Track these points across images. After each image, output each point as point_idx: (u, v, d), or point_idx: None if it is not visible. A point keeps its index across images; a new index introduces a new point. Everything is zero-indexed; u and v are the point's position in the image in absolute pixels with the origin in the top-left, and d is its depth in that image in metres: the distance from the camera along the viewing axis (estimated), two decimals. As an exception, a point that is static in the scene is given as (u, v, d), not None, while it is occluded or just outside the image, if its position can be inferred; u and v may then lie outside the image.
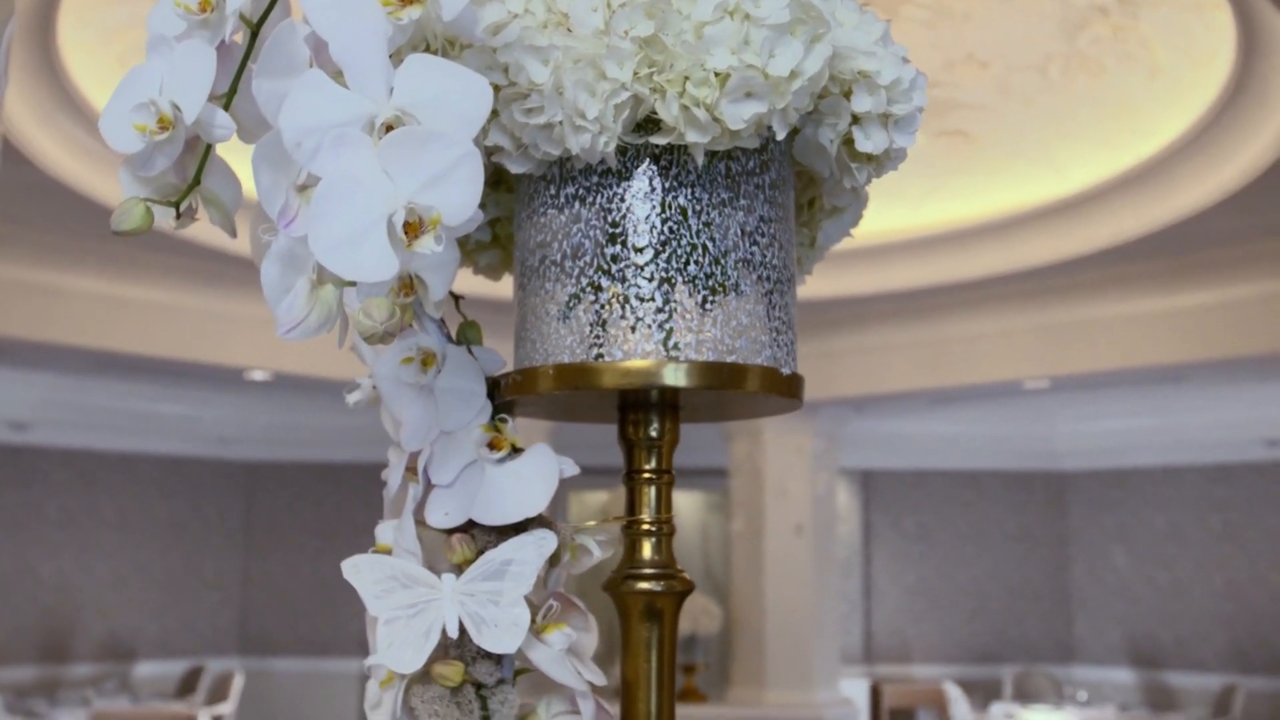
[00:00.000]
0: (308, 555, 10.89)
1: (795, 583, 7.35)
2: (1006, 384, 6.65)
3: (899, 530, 10.84)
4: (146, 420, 10.02)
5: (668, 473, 0.83)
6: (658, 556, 0.82)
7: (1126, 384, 7.12)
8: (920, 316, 6.66)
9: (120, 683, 9.59)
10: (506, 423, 0.79)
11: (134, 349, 5.90)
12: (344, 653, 10.78)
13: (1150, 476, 10.43)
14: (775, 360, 0.80)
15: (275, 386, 7.65)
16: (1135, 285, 6.02)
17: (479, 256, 0.91)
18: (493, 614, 0.75)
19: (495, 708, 0.77)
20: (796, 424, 7.45)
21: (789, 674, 7.27)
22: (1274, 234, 5.45)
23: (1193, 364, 6.00)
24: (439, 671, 0.75)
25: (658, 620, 0.81)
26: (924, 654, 10.70)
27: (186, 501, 10.57)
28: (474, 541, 0.79)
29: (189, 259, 5.87)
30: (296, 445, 10.84)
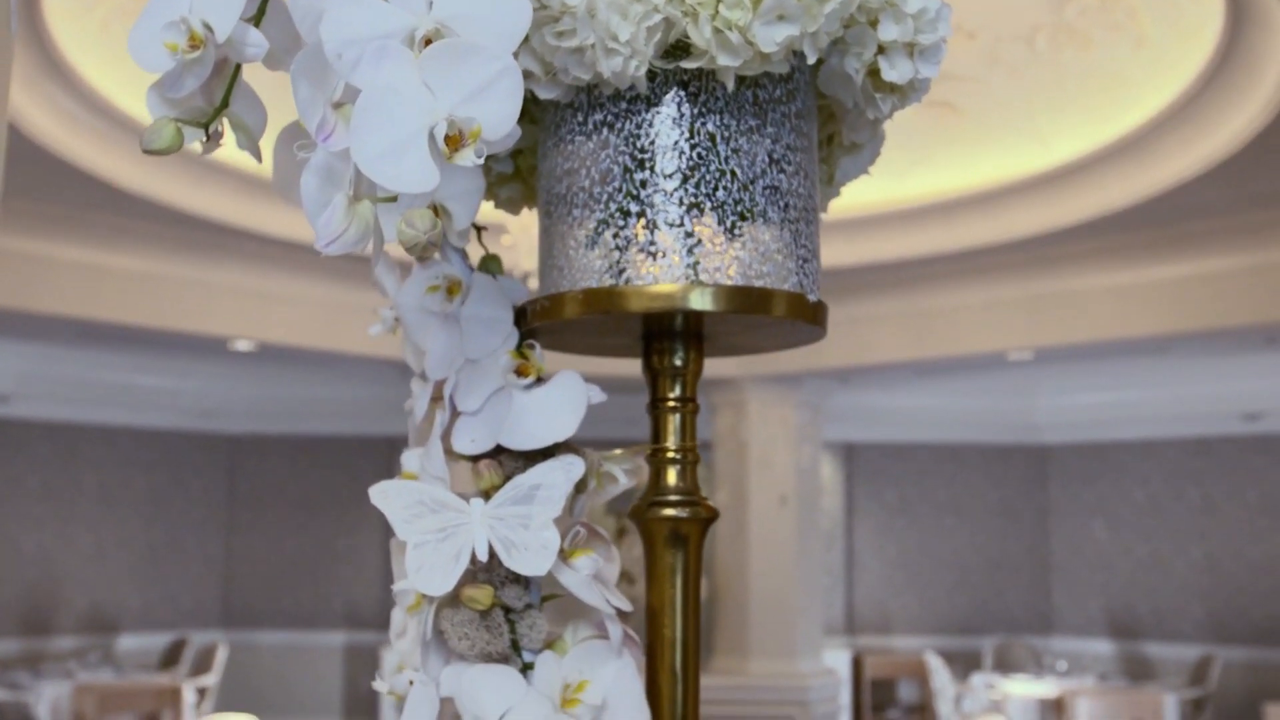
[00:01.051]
0: (291, 528, 10.88)
1: (779, 554, 7.39)
2: (991, 355, 6.68)
3: (881, 503, 10.90)
4: (128, 393, 9.98)
5: (692, 401, 0.84)
6: (682, 483, 0.82)
7: (1110, 355, 7.16)
8: (905, 288, 6.68)
9: (103, 655, 9.58)
10: (534, 349, 0.80)
11: (117, 318, 5.86)
12: (327, 625, 10.79)
13: (1130, 450, 10.50)
14: (801, 287, 0.80)
15: (259, 358, 7.62)
16: (1119, 257, 6.05)
17: (500, 190, 0.91)
18: (522, 537, 0.75)
19: (524, 632, 0.77)
20: (780, 396, 7.47)
21: (772, 644, 7.31)
22: (1258, 205, 5.48)
23: (1176, 335, 6.04)
24: (469, 595, 0.75)
25: (683, 546, 0.81)
26: (905, 625, 10.77)
27: (169, 474, 10.55)
28: (501, 468, 0.79)
29: (173, 227, 5.84)
30: (279, 418, 10.82)
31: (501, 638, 0.76)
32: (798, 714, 7.26)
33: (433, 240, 0.61)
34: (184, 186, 5.49)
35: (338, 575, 10.82)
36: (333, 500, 10.86)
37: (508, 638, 0.76)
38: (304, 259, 6.33)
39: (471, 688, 0.75)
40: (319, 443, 10.89)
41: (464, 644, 0.76)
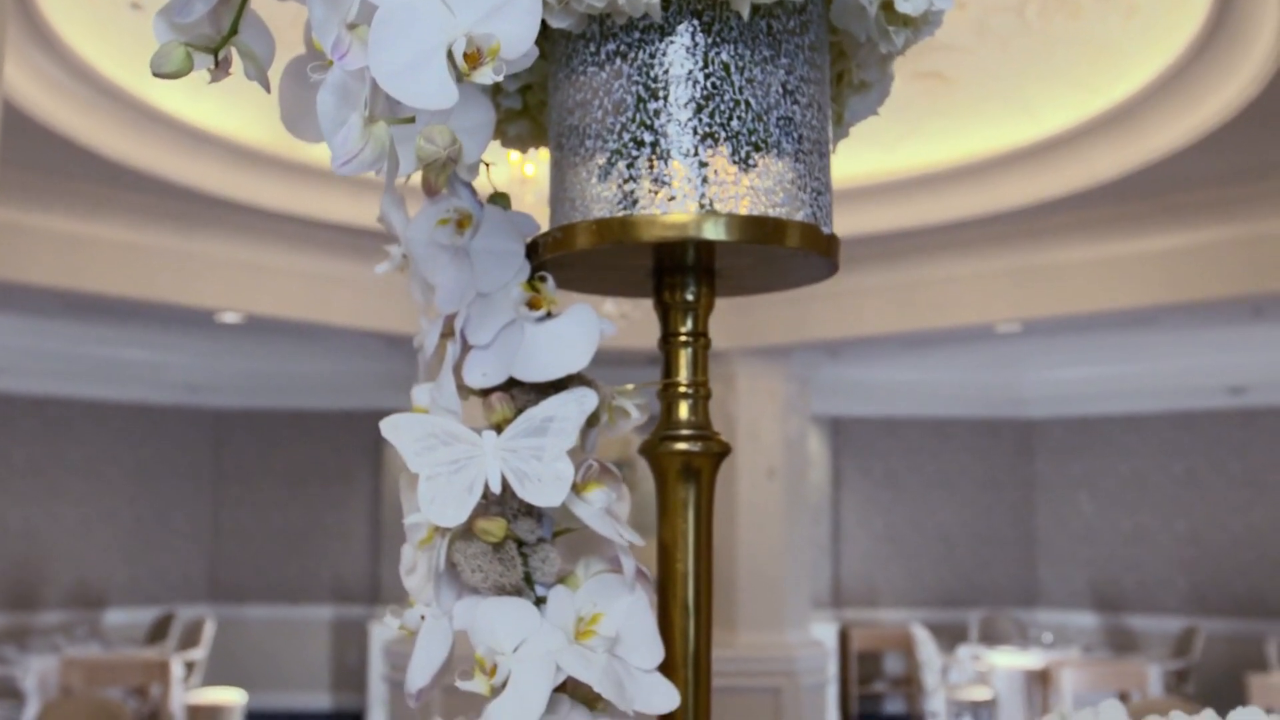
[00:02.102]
0: (278, 503, 10.87)
1: (767, 525, 7.40)
2: (978, 327, 6.70)
3: (868, 477, 10.93)
4: (114, 367, 9.95)
5: (704, 336, 0.83)
6: (694, 418, 0.82)
7: (1097, 327, 7.18)
8: (894, 260, 6.68)
9: (90, 629, 9.57)
10: (546, 281, 0.79)
11: (102, 289, 5.83)
12: (315, 600, 10.79)
13: (1115, 424, 10.55)
14: (815, 219, 0.80)
15: (245, 331, 7.59)
16: (1107, 228, 6.06)
17: (508, 126, 0.91)
18: (535, 469, 0.75)
19: (536, 565, 0.77)
20: (768, 369, 7.48)
21: (760, 616, 7.33)
22: (1246, 177, 5.48)
23: (1163, 307, 6.05)
24: (482, 526, 0.75)
25: (695, 479, 0.81)
26: (892, 598, 10.82)
27: (155, 449, 10.52)
28: (513, 401, 0.78)
29: (159, 198, 5.80)
30: (265, 393, 10.79)
31: (515, 570, 0.76)
32: (785, 685, 7.29)
33: (452, 156, 0.60)
34: (170, 156, 5.46)
35: (325, 550, 10.82)
36: (320, 475, 10.86)
37: (521, 570, 0.76)
38: (292, 231, 6.30)
39: (485, 620, 0.75)
40: (306, 417, 10.87)
41: (477, 576, 0.76)
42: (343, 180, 6.03)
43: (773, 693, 7.28)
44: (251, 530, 10.86)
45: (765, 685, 7.26)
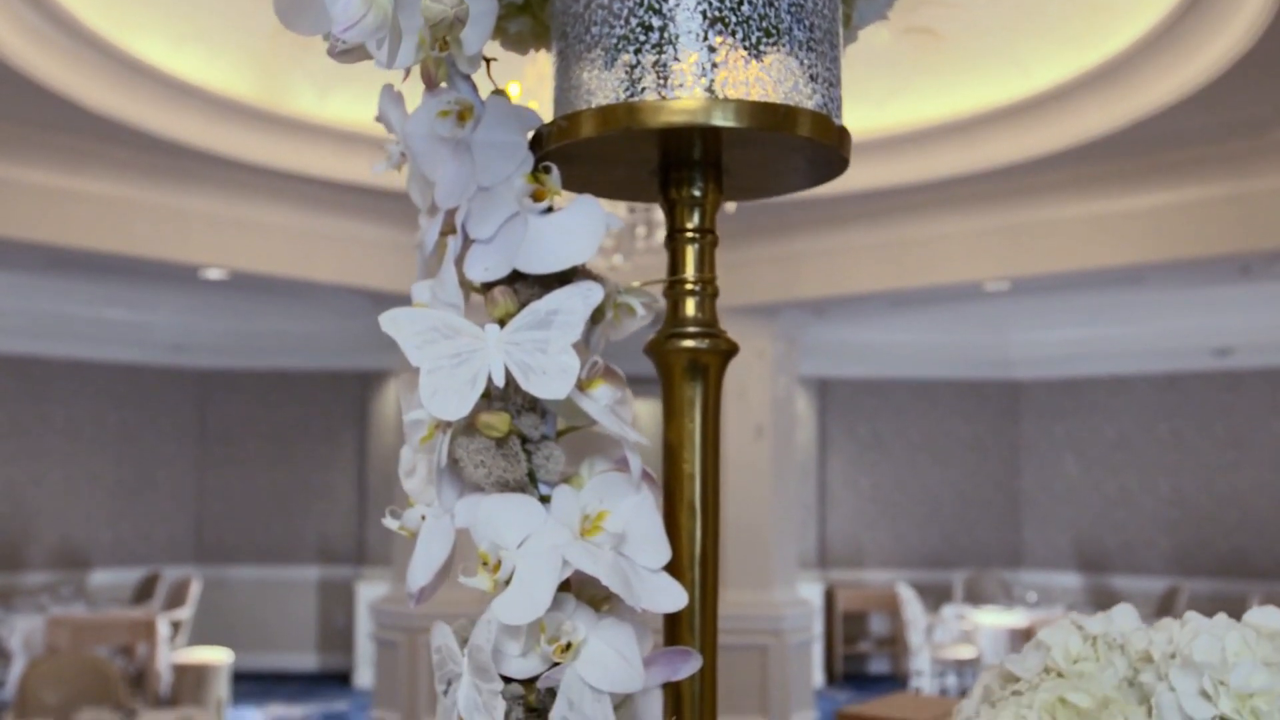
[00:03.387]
0: (264, 464, 10.85)
1: (755, 484, 7.41)
2: (967, 285, 6.68)
3: (854, 438, 10.95)
4: (97, 326, 9.88)
5: (711, 232, 0.81)
6: (701, 315, 0.80)
7: (1086, 285, 7.17)
8: (883, 218, 6.66)
9: (76, 589, 9.56)
10: (550, 172, 0.77)
11: (85, 244, 5.77)
12: (301, 560, 10.78)
13: (1101, 386, 10.58)
14: (826, 110, 0.78)
15: (229, 289, 7.54)
16: (1097, 186, 6.04)
17: (509, 23, 0.88)
18: (540, 361, 0.73)
19: (540, 463, 0.75)
20: (756, 328, 7.46)
21: (747, 574, 7.35)
22: (1236, 134, 5.47)
23: (1152, 265, 6.05)
24: (485, 421, 0.73)
25: (702, 377, 0.79)
26: (877, 559, 10.86)
27: (139, 410, 10.47)
28: (516, 295, 0.76)
29: (143, 152, 5.74)
30: (250, 353, 10.75)
31: (519, 465, 0.74)
32: (772, 643, 7.32)
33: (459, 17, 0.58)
34: (154, 109, 5.39)
35: (311, 510, 10.81)
36: (306, 435, 10.82)
37: (525, 466, 0.74)
38: (277, 186, 6.24)
39: (488, 516, 0.73)
40: (291, 378, 10.83)
41: (480, 472, 0.74)
42: (327, 135, 5.98)
43: (759, 650, 7.31)
44: (237, 491, 10.84)
45: (752, 643, 7.28)
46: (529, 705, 0.73)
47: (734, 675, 7.15)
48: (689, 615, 0.78)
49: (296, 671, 10.57)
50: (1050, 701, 0.77)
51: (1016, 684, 0.82)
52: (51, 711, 4.80)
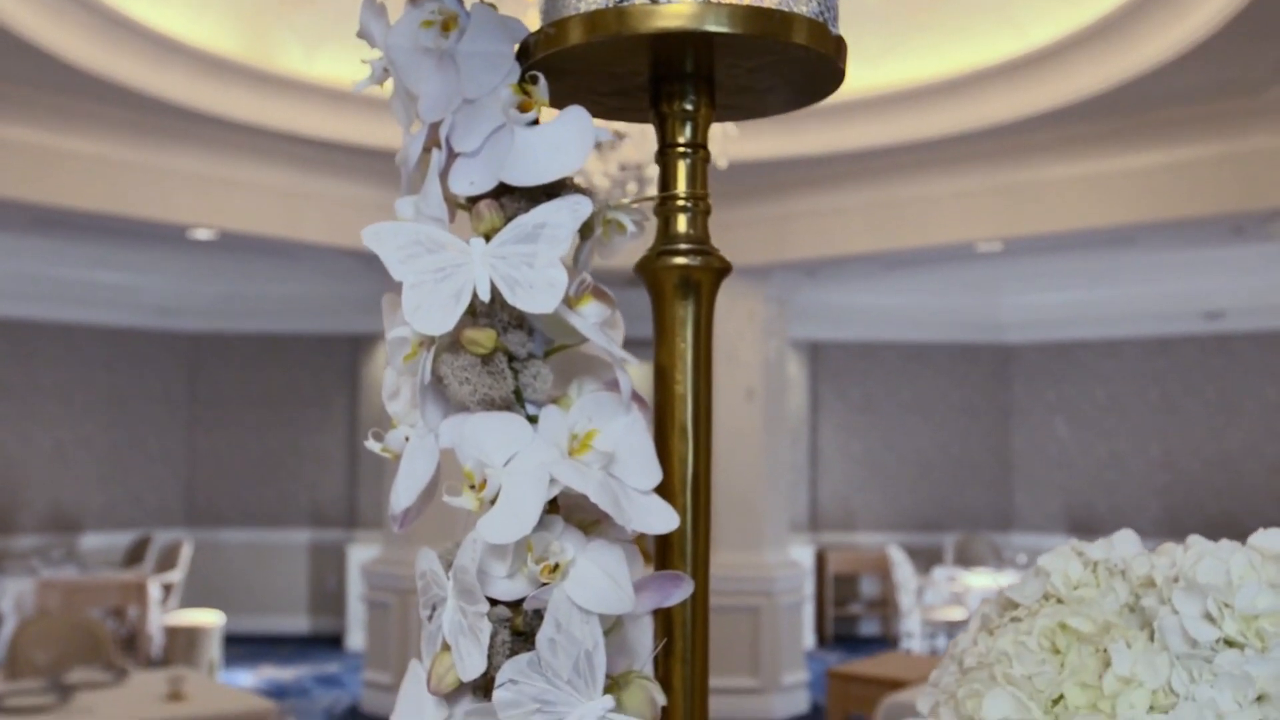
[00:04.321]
0: (254, 427, 10.82)
1: (746, 446, 7.41)
2: (959, 246, 6.66)
3: (845, 401, 10.95)
4: (86, 289, 9.84)
5: (703, 147, 0.79)
6: (693, 231, 0.78)
7: (1078, 246, 7.15)
8: (875, 178, 6.62)
9: (67, 553, 9.55)
10: (537, 82, 0.74)
11: (71, 204, 5.73)
12: (292, 524, 10.78)
13: (1092, 349, 10.58)
14: (822, 18, 0.75)
15: (219, 250, 7.49)
16: (1089, 146, 6.01)
17: (494, -65, 0.85)
18: (527, 275, 0.70)
19: (528, 381, 0.73)
20: (748, 289, 7.44)
21: (739, 536, 7.36)
22: (1230, 93, 5.44)
23: (1145, 225, 6.03)
24: (470, 336, 0.70)
25: (694, 294, 0.77)
26: (868, 522, 10.89)
27: (128, 373, 10.44)
28: (503, 209, 0.74)
29: (130, 110, 5.69)
30: (241, 316, 10.71)
31: (505, 382, 0.72)
32: (763, 604, 7.34)
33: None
34: (139, 66, 5.34)
35: (302, 474, 10.80)
36: (296, 399, 10.80)
37: (511, 383, 0.72)
38: (266, 145, 6.19)
39: (474, 433, 0.71)
40: (281, 341, 10.79)
41: (465, 389, 0.71)
42: (316, 93, 5.92)
43: (751, 612, 7.33)
44: (227, 455, 10.82)
45: (744, 604, 7.30)
46: (515, 629, 0.71)
47: (726, 636, 7.17)
48: (680, 540, 0.76)
49: (288, 634, 10.59)
50: (1050, 627, 0.75)
51: (1015, 611, 0.80)
52: (42, 671, 4.80)
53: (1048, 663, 0.73)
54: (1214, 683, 0.68)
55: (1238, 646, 0.69)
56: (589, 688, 0.69)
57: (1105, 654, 0.72)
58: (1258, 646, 0.68)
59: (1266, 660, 0.67)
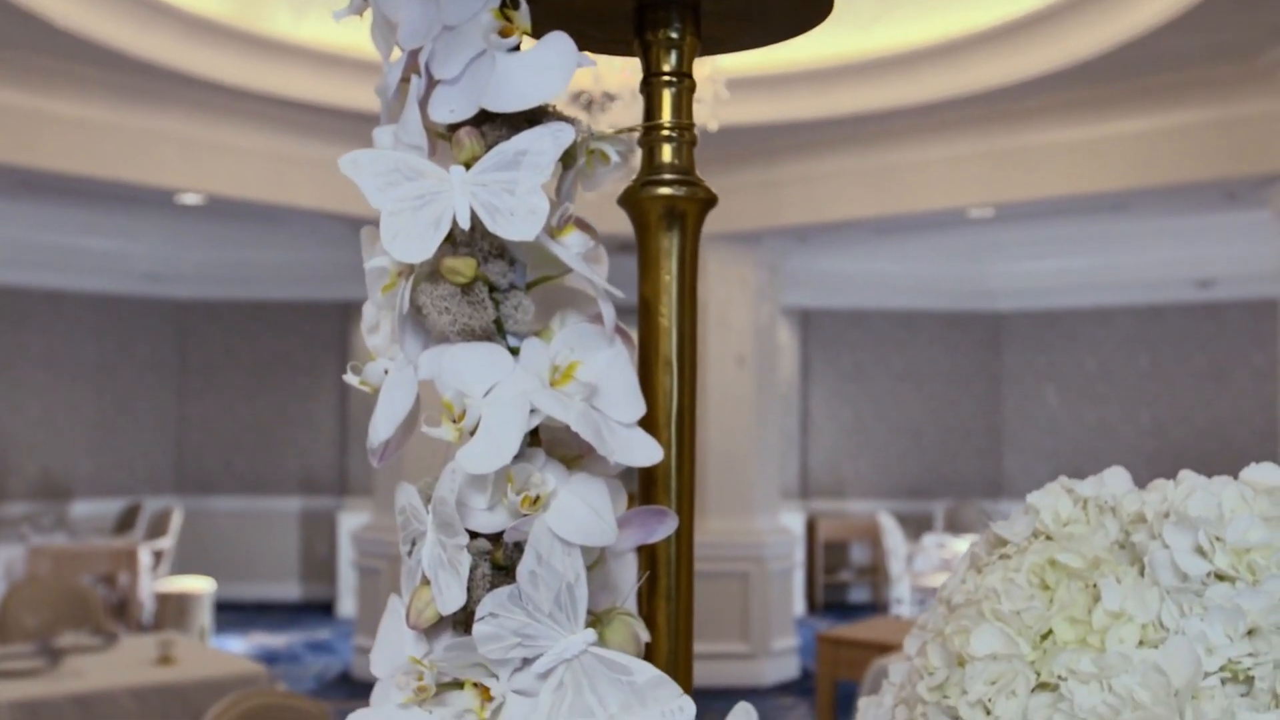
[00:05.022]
0: (244, 394, 10.80)
1: (737, 412, 7.40)
2: (951, 211, 6.64)
3: (836, 369, 10.95)
4: (74, 255, 9.79)
5: (689, 77, 0.77)
6: (678, 162, 0.76)
7: (1070, 212, 7.13)
8: (867, 143, 6.59)
9: (57, 520, 9.53)
10: (518, 7, 0.72)
11: (56, 167, 5.68)
12: (283, 491, 10.78)
13: (1082, 317, 10.59)
14: (811, -58, 0.73)
15: (207, 215, 7.45)
16: (1082, 111, 5.99)
17: None
18: (508, 202, 0.69)
19: (509, 312, 0.71)
20: (739, 255, 7.42)
21: (729, 502, 7.36)
22: (1222, 57, 5.41)
23: (1137, 190, 6.01)
24: (449, 265, 0.69)
25: (679, 224, 0.76)
26: (859, 489, 10.91)
27: (117, 341, 10.40)
28: (483, 137, 0.72)
29: (114, 72, 5.63)
30: (229, 283, 10.66)
31: (485, 312, 0.70)
32: (753, 570, 7.35)
33: None
34: (128, 29, 5.28)
35: (293, 441, 10.78)
36: (286, 366, 10.78)
37: (492, 312, 0.70)
38: (254, 108, 6.14)
39: (453, 363, 0.69)
40: (271, 308, 10.76)
41: (445, 319, 0.70)
42: (305, 55, 5.88)
43: (741, 577, 7.35)
44: (217, 422, 10.80)
45: (734, 570, 7.31)
46: (496, 562, 0.69)
47: (716, 602, 7.18)
48: (665, 475, 0.75)
49: (279, 601, 10.60)
50: (1039, 564, 0.74)
51: (1004, 549, 0.79)
52: (32, 635, 4.79)
53: (1036, 598, 0.72)
54: (1204, 616, 0.67)
55: (1229, 580, 0.68)
56: (570, 621, 0.68)
57: (1095, 589, 0.71)
58: (1249, 580, 0.67)
59: (1258, 593, 0.67)
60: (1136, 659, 0.67)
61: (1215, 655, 0.66)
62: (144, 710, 3.99)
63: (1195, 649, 0.66)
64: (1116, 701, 0.66)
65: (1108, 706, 0.66)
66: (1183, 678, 0.65)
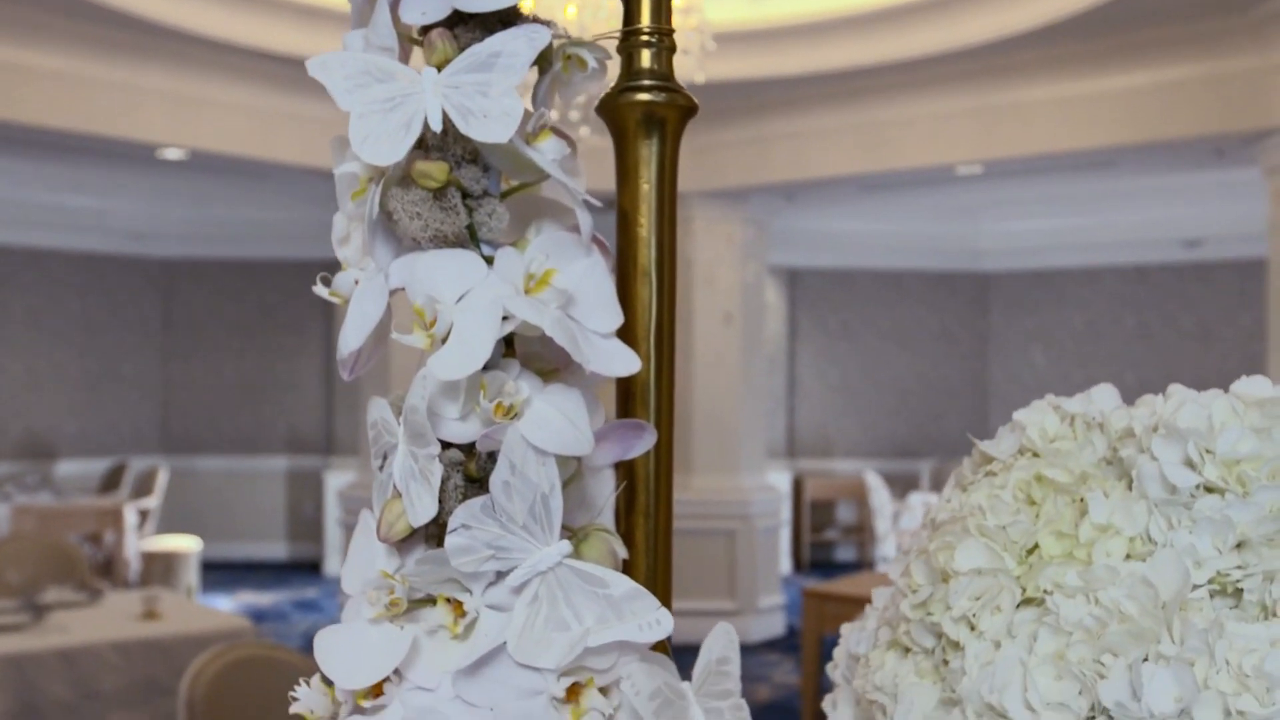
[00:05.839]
0: (229, 354, 10.76)
1: (723, 371, 7.39)
2: (939, 168, 6.61)
3: (824, 328, 10.94)
4: (56, 213, 9.71)
5: (668, -21, 0.75)
6: (658, 67, 0.74)
7: (1058, 169, 7.11)
8: (855, 99, 6.56)
9: (41, 479, 9.50)
10: (490, -96, 0.70)
11: (35, 121, 5.62)
12: (269, 450, 10.76)
13: (1070, 277, 10.59)
14: None
15: (190, 170, 7.38)
16: (1070, 66, 5.95)
17: None
18: (481, 104, 0.67)
19: (482, 219, 0.69)
20: (725, 212, 7.39)
21: (716, 460, 7.37)
22: (1212, 12, 5.38)
23: (1126, 147, 5.99)
24: (421, 169, 0.67)
25: (658, 131, 0.73)
26: (845, 449, 10.92)
27: (101, 299, 10.34)
28: (456, 39, 0.70)
29: (98, 25, 5.56)
30: (213, 242, 10.60)
31: (458, 217, 0.68)
32: (740, 527, 7.36)
33: None
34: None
35: (279, 400, 10.75)
36: (272, 325, 10.73)
37: (465, 218, 0.68)
38: (236, 62, 6.08)
39: (425, 269, 0.67)
40: (255, 267, 10.70)
41: (416, 224, 0.68)
42: (288, 8, 5.81)
43: (727, 535, 7.36)
44: (203, 382, 10.76)
45: (720, 528, 7.33)
46: (469, 474, 0.68)
47: (702, 559, 7.20)
48: (643, 389, 0.73)
49: (266, 560, 10.60)
50: (1026, 479, 0.73)
51: (990, 466, 0.78)
52: (15, 590, 4.77)
53: (1022, 514, 0.71)
54: (1193, 529, 0.66)
55: (1218, 492, 0.67)
56: (545, 533, 0.66)
57: (1081, 504, 0.70)
58: (1239, 492, 0.66)
59: (1248, 505, 0.65)
60: (1124, 572, 0.65)
61: (1204, 568, 0.65)
62: (128, 664, 3.99)
63: (1184, 561, 0.64)
64: (1103, 614, 0.64)
65: (1094, 619, 0.64)
66: (1171, 590, 0.64)
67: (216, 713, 2.90)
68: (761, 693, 6.53)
